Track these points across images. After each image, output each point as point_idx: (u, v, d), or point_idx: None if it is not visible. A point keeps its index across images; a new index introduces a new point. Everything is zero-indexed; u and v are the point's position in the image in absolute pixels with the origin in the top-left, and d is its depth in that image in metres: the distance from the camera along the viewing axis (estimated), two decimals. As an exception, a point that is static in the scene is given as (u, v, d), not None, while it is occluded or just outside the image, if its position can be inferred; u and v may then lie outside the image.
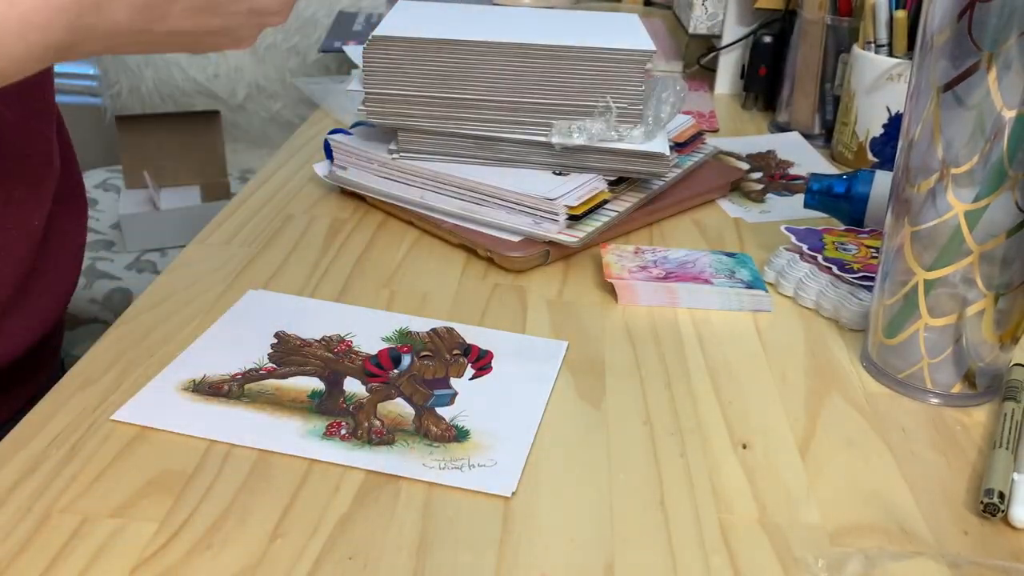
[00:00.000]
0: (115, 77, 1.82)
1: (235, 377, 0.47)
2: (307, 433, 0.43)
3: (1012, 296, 0.46)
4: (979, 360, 0.47)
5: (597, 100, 0.64)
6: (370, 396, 0.46)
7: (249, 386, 0.47)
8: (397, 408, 0.46)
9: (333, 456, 0.42)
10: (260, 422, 0.44)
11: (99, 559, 0.36)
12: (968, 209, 0.44)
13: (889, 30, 0.79)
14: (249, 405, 0.45)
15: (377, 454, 0.42)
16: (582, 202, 0.62)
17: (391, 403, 0.46)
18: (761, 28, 1.00)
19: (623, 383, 0.49)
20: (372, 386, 0.47)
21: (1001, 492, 0.40)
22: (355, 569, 0.36)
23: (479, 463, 0.42)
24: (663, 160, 0.65)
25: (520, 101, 0.65)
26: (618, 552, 0.37)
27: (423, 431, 0.44)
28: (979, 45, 0.41)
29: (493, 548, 0.37)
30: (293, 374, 0.48)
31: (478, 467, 0.42)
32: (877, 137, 0.81)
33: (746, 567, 0.37)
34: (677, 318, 0.56)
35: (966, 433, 0.46)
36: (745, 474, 0.42)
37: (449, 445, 0.43)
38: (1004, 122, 0.42)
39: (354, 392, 0.47)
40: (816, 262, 0.59)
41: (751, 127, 0.95)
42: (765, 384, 0.50)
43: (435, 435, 0.44)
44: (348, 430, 0.44)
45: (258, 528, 0.38)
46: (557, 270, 0.61)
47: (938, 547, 0.39)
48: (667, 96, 0.67)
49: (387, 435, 0.44)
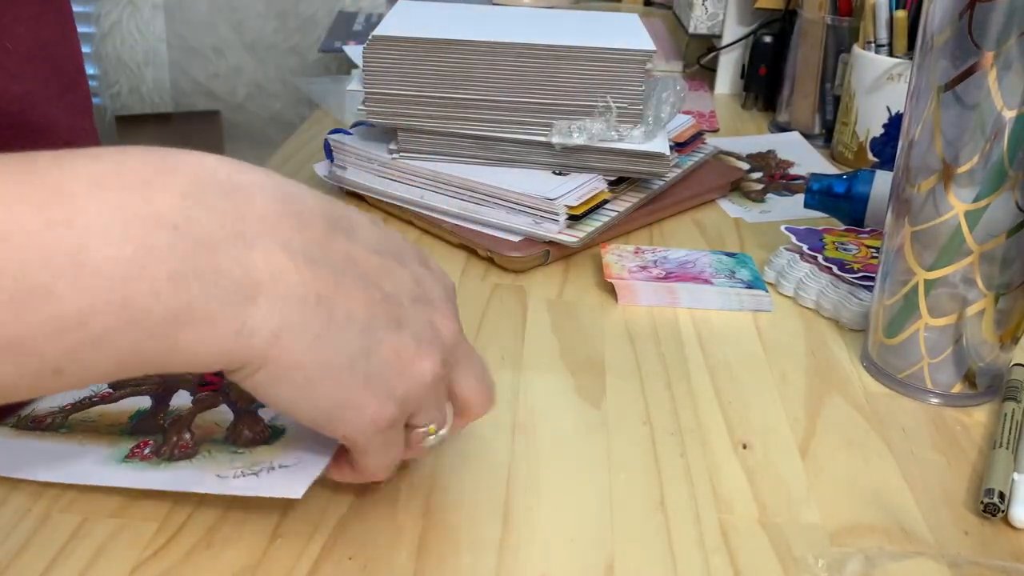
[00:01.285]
0: (115, 77, 1.82)
1: (64, 408, 0.43)
2: (107, 458, 0.40)
3: (1012, 296, 0.46)
4: (979, 360, 0.47)
5: (597, 100, 0.64)
6: (191, 407, 0.43)
7: (74, 416, 0.43)
8: (216, 416, 0.42)
9: (119, 480, 0.38)
10: (61, 452, 0.40)
11: (99, 559, 0.36)
12: (968, 209, 0.44)
13: (889, 30, 0.79)
14: (63, 436, 0.41)
15: (169, 471, 0.39)
16: (582, 202, 0.62)
17: (213, 412, 0.43)
18: (761, 28, 1.00)
19: (623, 383, 0.49)
20: (199, 396, 0.44)
21: (1001, 492, 0.40)
22: (355, 569, 0.36)
23: (283, 463, 0.38)
24: (663, 160, 0.65)
25: (520, 101, 0.65)
26: (618, 552, 0.37)
27: (233, 437, 0.41)
28: (979, 45, 0.41)
29: (493, 549, 0.37)
30: (128, 395, 0.44)
31: (279, 468, 0.38)
32: (877, 137, 0.81)
33: (746, 567, 0.37)
34: (677, 318, 0.56)
35: (966, 433, 0.46)
36: (745, 474, 0.42)
37: (256, 448, 0.40)
38: (1004, 122, 0.42)
39: (178, 406, 0.43)
40: (816, 262, 0.59)
41: (751, 127, 0.95)
42: (765, 384, 0.50)
43: (246, 439, 0.40)
44: (153, 448, 0.40)
45: (258, 528, 0.38)
46: (557, 270, 0.61)
47: (938, 547, 0.39)
48: (667, 96, 0.67)
49: (191, 448, 0.40)
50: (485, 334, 0.53)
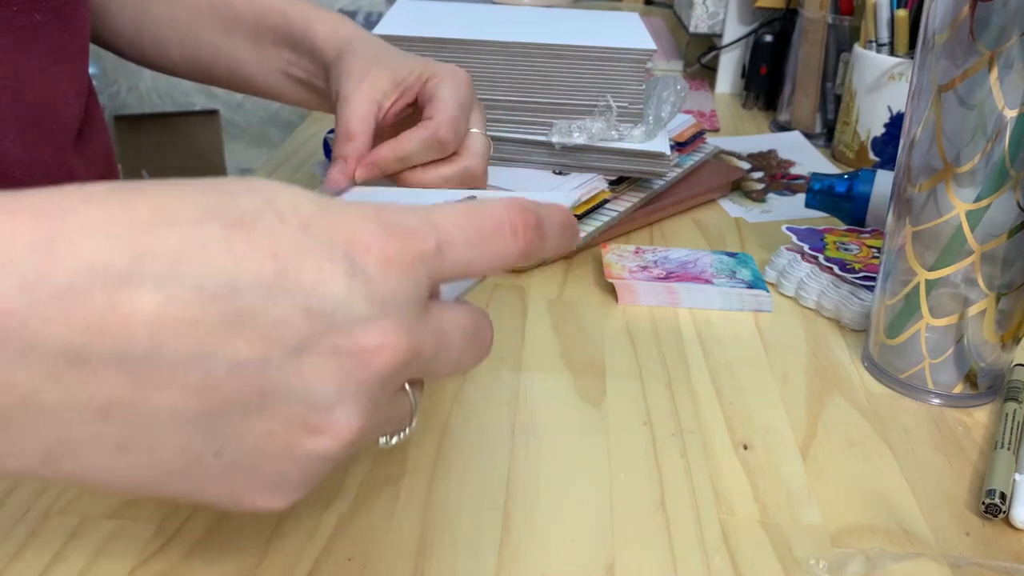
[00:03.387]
0: (114, 76, 1.82)
1: None
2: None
3: (1014, 296, 0.46)
4: (981, 360, 0.47)
5: (597, 99, 0.64)
6: None
7: None
8: None
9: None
10: None
11: (98, 560, 0.35)
12: (970, 209, 0.44)
13: (890, 29, 0.79)
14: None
15: None
16: (582, 202, 0.62)
17: None
18: (762, 27, 1.00)
19: (623, 383, 0.49)
20: None
21: (1003, 493, 0.40)
22: (355, 570, 0.36)
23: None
24: (664, 159, 0.64)
25: (520, 101, 0.65)
26: (618, 553, 0.37)
27: None
28: (981, 44, 0.41)
29: (493, 549, 0.37)
30: None
31: None
32: (878, 136, 0.81)
33: (747, 568, 0.37)
34: (678, 318, 0.56)
35: (967, 434, 0.46)
36: (746, 475, 0.42)
37: None
38: (1006, 121, 0.42)
39: None
40: (817, 262, 0.58)
41: (752, 126, 0.95)
42: (766, 384, 0.49)
43: None
44: None
45: (257, 528, 0.37)
46: (557, 270, 0.61)
47: (939, 548, 0.38)
48: (668, 95, 0.67)
49: None
50: (485, 334, 0.53)
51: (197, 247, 0.24)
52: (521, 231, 0.29)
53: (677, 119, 0.74)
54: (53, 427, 0.24)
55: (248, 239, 0.24)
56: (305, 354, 0.24)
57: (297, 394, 0.25)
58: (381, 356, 0.25)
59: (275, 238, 0.25)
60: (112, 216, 0.24)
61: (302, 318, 0.24)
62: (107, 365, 0.23)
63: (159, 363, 0.23)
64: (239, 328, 0.24)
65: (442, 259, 0.27)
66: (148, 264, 0.23)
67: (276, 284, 0.24)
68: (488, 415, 0.46)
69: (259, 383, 0.24)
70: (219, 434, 0.25)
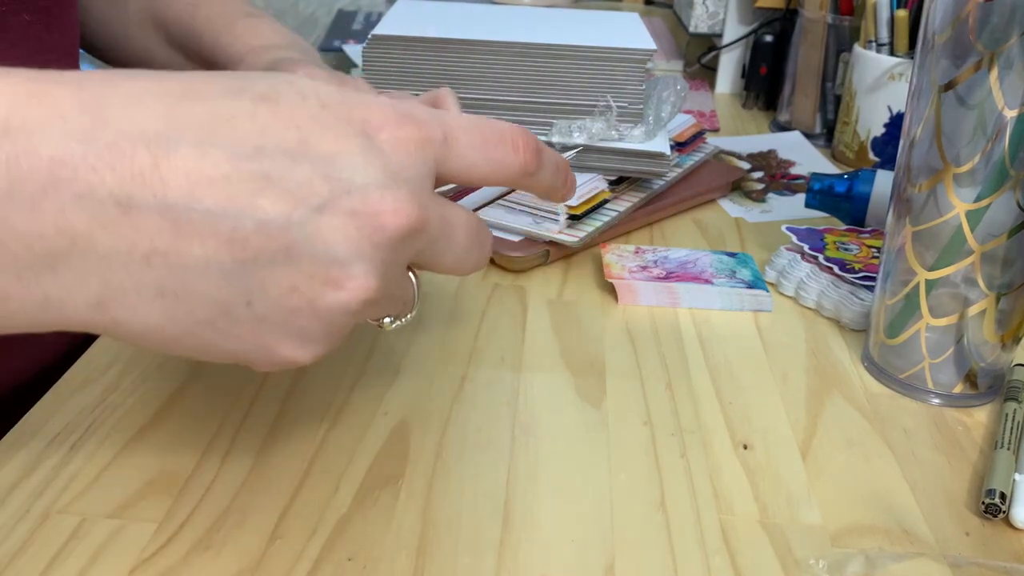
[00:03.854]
0: (115, 76, 1.82)
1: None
2: None
3: (1014, 296, 0.46)
4: (980, 360, 0.47)
5: (597, 99, 0.64)
6: None
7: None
8: None
9: None
10: None
11: (98, 560, 0.35)
12: (969, 209, 0.44)
13: (890, 29, 0.79)
14: None
15: None
16: (582, 202, 0.62)
17: None
18: (762, 27, 1.00)
19: (623, 383, 0.49)
20: None
21: (1003, 493, 0.40)
22: (354, 570, 0.36)
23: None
24: (664, 159, 0.64)
25: (520, 100, 0.65)
26: (618, 553, 0.37)
27: None
28: (981, 44, 0.41)
29: (493, 549, 0.37)
30: None
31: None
32: (878, 136, 0.81)
33: (747, 568, 0.37)
34: (677, 318, 0.56)
35: (967, 433, 0.46)
36: (746, 474, 0.42)
37: None
38: (1005, 121, 0.42)
39: None
40: (817, 262, 0.58)
41: (752, 126, 0.95)
42: (766, 384, 0.49)
43: None
44: None
45: (257, 528, 0.38)
46: (557, 270, 0.61)
47: (939, 548, 0.39)
48: (668, 95, 0.67)
49: None
50: (485, 334, 0.53)
51: (226, 117, 0.27)
52: (523, 149, 0.32)
53: (677, 119, 0.74)
54: (102, 272, 0.26)
55: (272, 111, 0.27)
56: (325, 214, 0.27)
57: (318, 250, 0.27)
58: (395, 219, 0.28)
59: (297, 112, 0.28)
60: (148, 89, 0.27)
61: (322, 182, 0.27)
62: (151, 213, 0.26)
63: (196, 215, 0.26)
64: (265, 188, 0.26)
65: (448, 149, 0.30)
66: (184, 130, 0.26)
67: (298, 151, 0.27)
68: (488, 415, 0.46)
69: (283, 239, 0.27)
70: (248, 285, 0.27)
